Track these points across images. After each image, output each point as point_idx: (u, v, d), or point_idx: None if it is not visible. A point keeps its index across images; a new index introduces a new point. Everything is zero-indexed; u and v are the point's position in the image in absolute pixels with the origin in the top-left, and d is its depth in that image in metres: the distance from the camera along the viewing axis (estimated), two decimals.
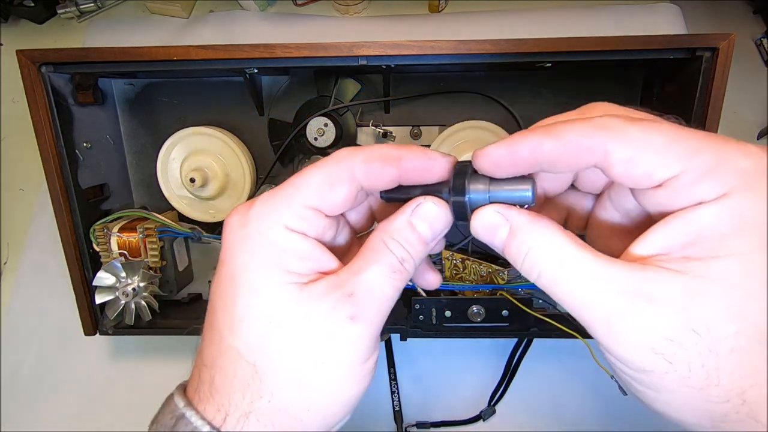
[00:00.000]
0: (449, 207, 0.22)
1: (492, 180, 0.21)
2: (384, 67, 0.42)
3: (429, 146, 0.49)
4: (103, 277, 0.45)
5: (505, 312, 0.44)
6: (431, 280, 0.26)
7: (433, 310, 0.45)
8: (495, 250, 0.22)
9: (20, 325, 0.58)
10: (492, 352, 0.53)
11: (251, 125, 0.52)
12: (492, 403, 0.51)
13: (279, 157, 0.50)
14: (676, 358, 0.17)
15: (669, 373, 0.17)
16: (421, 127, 0.50)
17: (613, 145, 0.18)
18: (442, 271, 0.50)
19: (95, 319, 0.48)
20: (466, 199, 0.21)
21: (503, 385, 0.52)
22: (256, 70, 0.44)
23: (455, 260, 0.49)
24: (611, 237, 0.23)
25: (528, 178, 0.21)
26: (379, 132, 0.49)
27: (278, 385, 0.21)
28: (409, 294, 0.47)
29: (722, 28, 0.58)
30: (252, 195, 0.51)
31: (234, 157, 0.50)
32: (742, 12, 0.59)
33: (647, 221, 0.20)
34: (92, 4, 0.62)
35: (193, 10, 0.62)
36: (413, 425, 0.52)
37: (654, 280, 0.18)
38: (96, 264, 0.47)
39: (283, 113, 0.51)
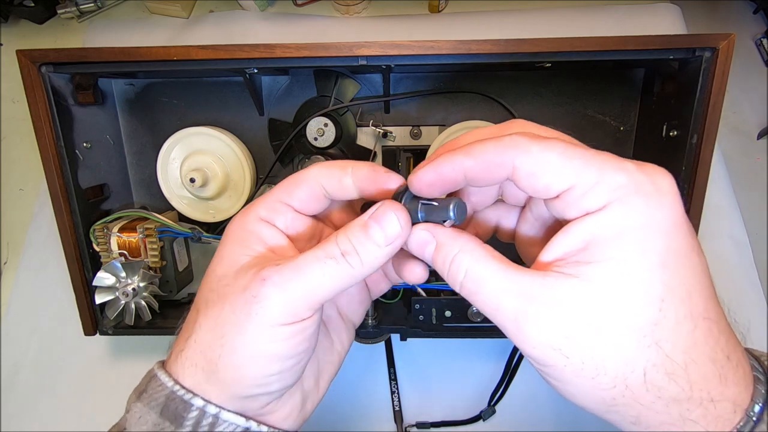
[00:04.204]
0: (406, 214, 0.24)
1: (422, 202, 0.24)
2: (384, 67, 0.42)
3: (429, 146, 0.49)
4: (103, 277, 0.45)
5: None
6: (417, 273, 0.26)
7: (433, 310, 0.45)
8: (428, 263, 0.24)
9: (20, 324, 0.58)
10: (492, 352, 0.53)
11: (251, 125, 0.52)
12: (492, 403, 0.51)
13: (279, 157, 0.50)
14: (571, 352, 0.20)
15: (567, 366, 0.20)
16: (421, 127, 0.50)
17: (520, 161, 0.21)
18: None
19: (95, 319, 0.48)
20: None
21: (503, 385, 0.52)
22: (256, 70, 0.44)
23: None
24: (533, 245, 0.26)
25: (451, 198, 0.24)
26: (379, 132, 0.49)
27: (202, 328, 0.24)
28: (409, 294, 0.47)
29: (722, 28, 0.58)
30: (252, 195, 0.51)
31: (234, 157, 0.50)
32: (742, 12, 0.59)
33: (558, 229, 0.22)
34: (92, 4, 0.62)
35: (193, 10, 0.62)
36: (413, 425, 0.52)
37: (551, 285, 0.20)
38: (96, 264, 0.47)
39: (283, 113, 0.51)
